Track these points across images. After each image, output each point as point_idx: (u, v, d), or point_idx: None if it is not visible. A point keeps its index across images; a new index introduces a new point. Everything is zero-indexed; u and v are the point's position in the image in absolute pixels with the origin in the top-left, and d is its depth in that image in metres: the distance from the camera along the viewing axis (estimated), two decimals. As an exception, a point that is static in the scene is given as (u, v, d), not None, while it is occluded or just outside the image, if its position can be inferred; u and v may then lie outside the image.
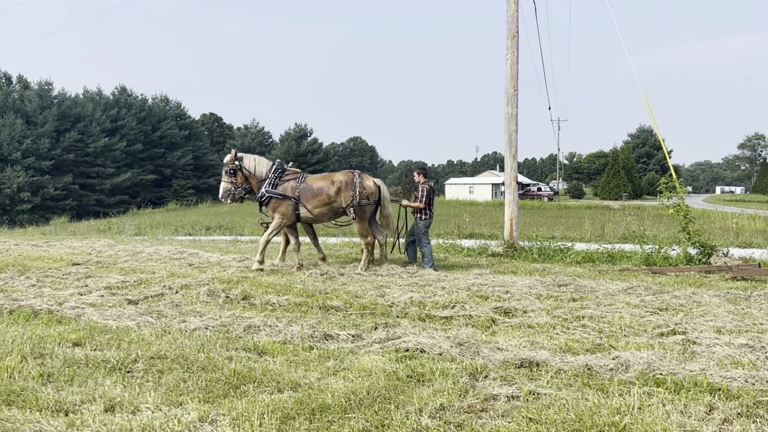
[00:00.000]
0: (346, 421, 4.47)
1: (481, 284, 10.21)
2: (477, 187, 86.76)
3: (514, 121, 15.85)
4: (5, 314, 8.30)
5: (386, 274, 11.56)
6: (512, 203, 16.05)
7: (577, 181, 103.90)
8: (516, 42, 15.75)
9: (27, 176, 62.02)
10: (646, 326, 7.52)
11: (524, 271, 12.37)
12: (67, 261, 14.50)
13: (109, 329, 7.35)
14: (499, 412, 4.65)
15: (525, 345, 6.62)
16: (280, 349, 6.49)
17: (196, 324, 7.59)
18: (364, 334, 7.12)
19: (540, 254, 14.94)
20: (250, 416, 4.52)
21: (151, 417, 4.57)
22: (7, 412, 4.77)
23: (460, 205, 54.71)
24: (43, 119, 67.38)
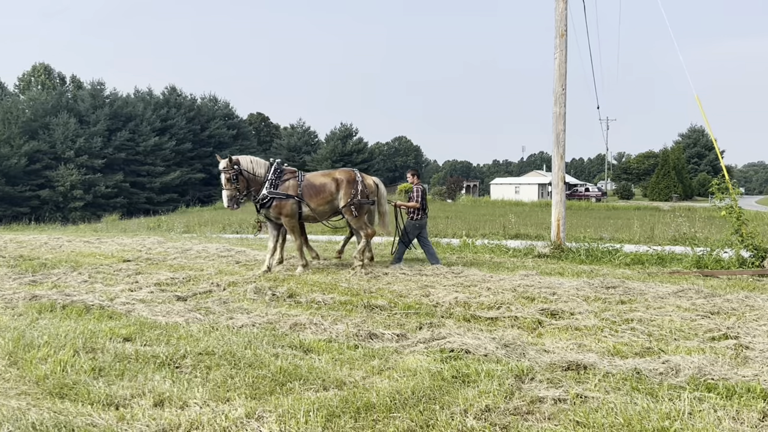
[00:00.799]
0: (391, 421, 4.47)
1: (527, 285, 10.11)
2: (523, 187, 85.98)
3: (561, 120, 15.66)
4: (58, 309, 8.51)
5: (431, 274, 11.53)
6: (559, 204, 15.86)
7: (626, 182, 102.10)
8: (564, 40, 15.56)
9: (79, 174, 63.56)
10: (696, 330, 7.36)
11: (571, 272, 12.21)
12: (118, 258, 14.83)
13: (159, 325, 7.49)
14: (546, 415, 4.60)
15: (572, 347, 6.53)
16: (325, 347, 6.52)
17: (243, 321, 7.69)
18: (408, 334, 7.11)
19: (587, 255, 14.73)
20: (296, 413, 4.55)
21: (199, 412, 4.64)
22: (60, 404, 4.89)
23: (506, 206, 54.28)
24: (96, 118, 68.97)
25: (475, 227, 24.63)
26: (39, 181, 63.74)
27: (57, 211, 61.15)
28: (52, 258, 14.84)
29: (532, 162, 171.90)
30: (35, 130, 65.48)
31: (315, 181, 12.50)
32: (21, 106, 67.86)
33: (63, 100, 70.29)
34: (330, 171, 12.97)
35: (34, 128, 65.43)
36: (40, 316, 8.13)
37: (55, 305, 8.66)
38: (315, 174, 12.82)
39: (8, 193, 60.48)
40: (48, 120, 66.42)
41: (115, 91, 76.13)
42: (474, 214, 38.24)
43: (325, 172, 12.93)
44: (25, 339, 6.68)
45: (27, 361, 5.95)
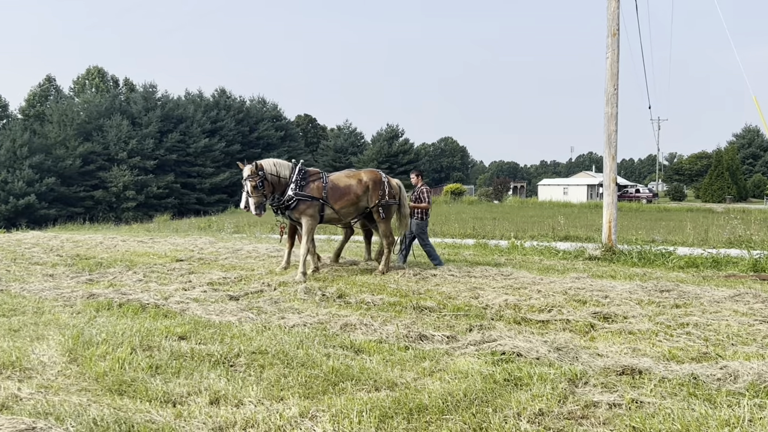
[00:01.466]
0: (444, 423, 4.47)
1: (578, 288, 9.99)
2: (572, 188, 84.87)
3: (614, 120, 15.43)
4: (115, 307, 8.72)
5: (480, 275, 11.48)
6: (611, 205, 15.63)
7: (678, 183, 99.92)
8: (617, 40, 15.33)
9: (132, 175, 64.96)
10: (755, 335, 7.17)
11: (623, 275, 12.02)
12: (171, 257, 15.11)
13: (212, 324, 7.62)
14: (601, 420, 4.55)
15: (626, 352, 6.44)
16: (376, 348, 6.55)
17: (295, 321, 7.77)
18: (458, 336, 7.10)
19: (640, 258, 14.48)
20: (349, 413, 4.59)
21: (254, 411, 4.71)
22: (119, 401, 5.02)
23: (554, 207, 53.64)
24: (148, 120, 70.36)
25: (523, 229, 24.43)
26: (93, 182, 65.38)
27: (110, 211, 62.63)
28: (107, 257, 15.21)
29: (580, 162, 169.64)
30: (89, 131, 67.17)
31: (340, 182, 12.21)
32: (76, 108, 69.73)
33: (116, 102, 71.92)
34: (354, 172, 12.83)
35: (88, 130, 67.14)
36: (98, 314, 8.35)
37: (111, 303, 8.87)
38: (339, 175, 12.56)
39: (63, 193, 62.18)
40: (102, 122, 68.07)
41: (166, 94, 77.71)
42: (521, 215, 37.91)
43: (350, 173, 12.70)
44: (84, 336, 6.85)
45: (86, 358, 6.11)
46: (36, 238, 22.96)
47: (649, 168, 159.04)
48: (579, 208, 49.01)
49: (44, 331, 7.26)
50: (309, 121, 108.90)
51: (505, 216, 36.48)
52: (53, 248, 17.92)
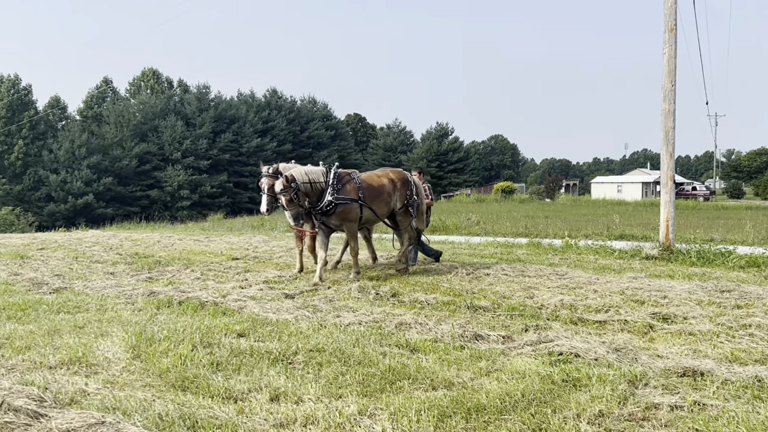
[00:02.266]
0: (503, 423, 4.47)
1: (635, 288, 9.83)
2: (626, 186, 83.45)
3: (671, 117, 15.13)
4: (175, 305, 8.92)
5: (534, 275, 11.39)
6: (669, 203, 15.32)
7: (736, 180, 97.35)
8: (674, 35, 15.02)
9: (186, 175, 66.31)
10: (823, 338, 6.97)
11: (682, 275, 11.78)
12: (227, 256, 15.38)
13: (270, 321, 7.74)
14: (662, 422, 4.49)
15: (687, 353, 6.32)
16: (431, 347, 6.56)
17: (350, 319, 7.83)
18: (514, 336, 7.06)
19: (698, 258, 14.16)
20: (407, 412, 4.62)
21: (313, 408, 4.77)
22: (182, 397, 5.14)
23: (608, 205, 52.84)
24: (201, 121, 71.67)
25: (576, 227, 24.12)
26: (148, 182, 66.99)
27: (165, 210, 64.05)
28: (165, 256, 15.56)
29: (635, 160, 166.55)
30: (145, 132, 68.79)
31: (373, 182, 11.92)
32: (132, 109, 71.50)
33: (171, 103, 73.46)
34: (383, 171, 12.63)
35: (143, 131, 68.77)
36: (159, 311, 8.55)
37: (171, 301, 9.08)
38: (370, 175, 12.28)
39: (120, 193, 63.83)
40: (157, 123, 69.63)
41: (219, 94, 79.03)
42: (574, 213, 37.43)
43: (379, 173, 12.46)
44: (147, 333, 7.03)
45: (149, 355, 6.27)
46: (95, 236, 23.60)
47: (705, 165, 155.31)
48: (634, 206, 48.16)
49: (108, 328, 7.47)
50: (359, 120, 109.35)
51: (557, 214, 36.08)
52: (113, 247, 18.41)
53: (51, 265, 13.91)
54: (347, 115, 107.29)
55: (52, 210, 59.27)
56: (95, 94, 78.35)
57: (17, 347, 6.62)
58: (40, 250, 17.57)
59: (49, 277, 11.65)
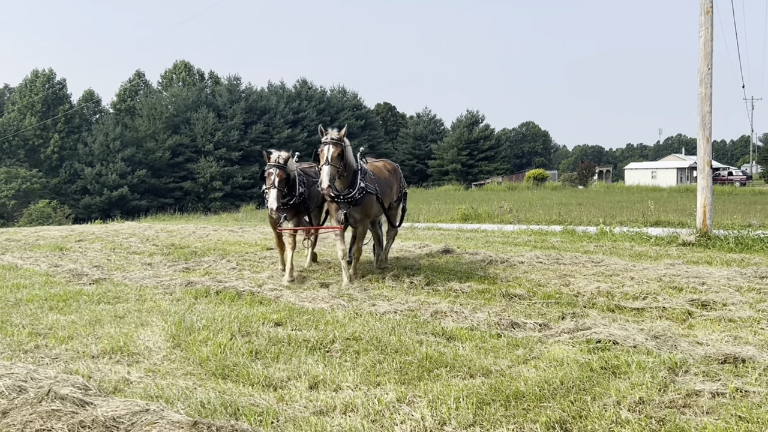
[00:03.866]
0: (542, 410, 4.47)
1: (673, 275, 9.72)
2: (660, 172, 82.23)
3: (707, 101, 14.87)
4: (212, 294, 9.03)
5: (569, 263, 11.31)
6: (705, 189, 15.09)
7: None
8: (710, 18, 14.74)
9: (218, 166, 66.89)
10: None
11: (720, 261, 11.60)
12: (261, 246, 15.51)
13: (306, 310, 7.81)
14: (704, 409, 4.45)
15: (727, 340, 6.25)
16: (467, 335, 6.57)
17: (385, 308, 7.86)
18: (551, 324, 7.03)
19: (737, 244, 13.93)
20: (446, 399, 4.63)
21: (352, 395, 4.82)
22: (223, 385, 5.22)
23: (642, 191, 52.12)
24: (233, 112, 72.15)
25: (611, 214, 23.84)
26: (182, 173, 67.71)
27: (198, 202, 64.72)
28: (201, 246, 15.74)
29: (669, 145, 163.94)
30: (177, 124, 69.48)
31: (380, 174, 10.74)
32: (164, 102, 72.18)
33: (202, 95, 74.06)
34: (383, 161, 11.68)
35: (176, 123, 69.45)
36: (197, 301, 8.67)
37: (209, 291, 9.20)
38: (374, 165, 11.01)
39: (154, 185, 64.63)
40: (189, 115, 70.26)
41: (250, 86, 79.41)
42: (608, 200, 36.99)
43: (382, 164, 11.41)
44: (186, 323, 7.14)
45: (189, 344, 6.36)
46: (132, 228, 23.94)
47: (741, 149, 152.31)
48: (669, 192, 47.47)
49: (148, 318, 7.59)
50: (388, 109, 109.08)
51: (591, 201, 35.70)
52: (149, 238, 18.66)
53: (89, 257, 14.15)
54: (377, 104, 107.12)
55: (87, 202, 60.25)
56: (128, 87, 79.21)
57: (60, 337, 6.77)
58: (78, 242, 17.87)
59: (89, 269, 11.85)
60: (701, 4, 14.85)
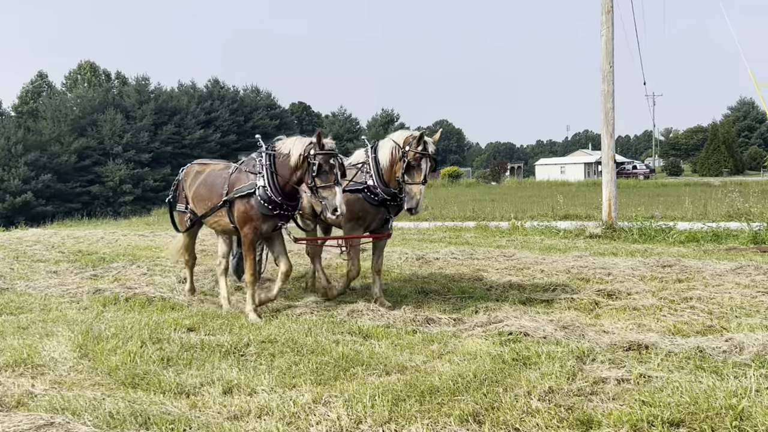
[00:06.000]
0: (456, 403, 4.53)
1: (581, 266, 10.06)
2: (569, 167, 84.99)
3: (610, 98, 15.45)
4: (122, 302, 8.75)
5: (482, 257, 11.54)
6: (610, 183, 15.67)
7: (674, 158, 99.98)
8: (611, 17, 15.32)
9: (128, 169, 64.94)
10: (758, 307, 7.27)
11: (625, 252, 12.08)
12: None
13: (220, 315, 7.67)
14: (610, 395, 4.61)
15: (632, 327, 6.51)
16: (384, 333, 6.61)
17: (301, 309, 7.83)
18: (465, 318, 7.17)
19: (640, 235, 14.54)
20: (362, 398, 4.64)
21: (267, 398, 4.76)
22: (133, 394, 5.07)
23: (552, 186, 53.67)
24: (142, 113, 70.18)
25: (522, 209, 24.48)
26: (89, 177, 65.34)
27: (107, 206, 62.58)
28: (110, 252, 15.24)
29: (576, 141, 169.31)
30: (84, 127, 67.04)
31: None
32: (69, 104, 69.56)
33: (109, 96, 71.74)
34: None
35: (82, 125, 66.99)
36: (105, 309, 8.37)
37: (118, 298, 8.90)
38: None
39: (60, 190, 62.12)
40: (95, 117, 67.89)
41: (159, 86, 77.37)
42: (520, 195, 37.98)
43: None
44: (94, 332, 6.87)
45: (97, 353, 6.14)
46: (36, 235, 22.96)
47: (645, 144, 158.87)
48: (577, 187, 49.06)
49: (53, 328, 7.28)
50: (303, 108, 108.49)
51: (503, 197, 36.55)
52: (55, 245, 17.93)
53: (-10, 267, 13.49)
54: (292, 103, 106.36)
55: (-12, 210, 57.45)
56: (30, 89, 75.96)
57: (-42, 352, 6.42)
58: (-22, 252, 17.00)
59: (-11, 279, 11.28)
60: (602, 3, 15.42)
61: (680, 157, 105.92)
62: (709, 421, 4.04)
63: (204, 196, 8.13)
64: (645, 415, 4.11)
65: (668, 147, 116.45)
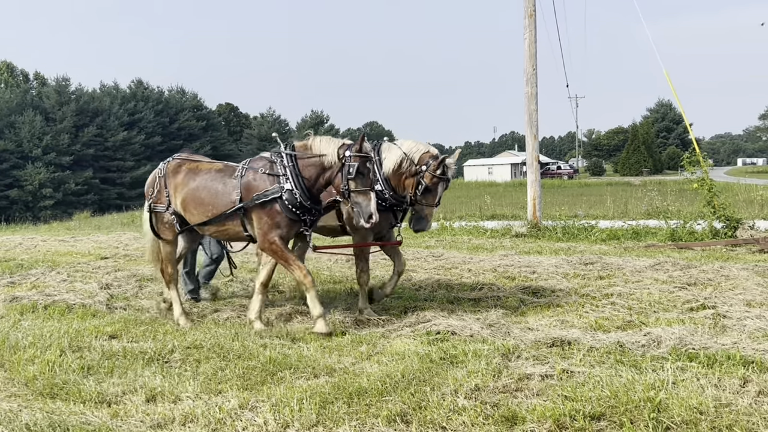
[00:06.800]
0: (384, 404, 4.54)
1: (507, 265, 10.24)
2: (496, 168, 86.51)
3: (534, 100, 15.79)
4: (40, 309, 8.42)
5: (411, 258, 11.60)
6: (535, 183, 16.01)
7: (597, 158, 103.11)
8: (533, 20, 15.66)
9: (48, 172, 62.81)
10: (675, 302, 7.54)
11: (549, 250, 12.36)
12: (95, 255, 14.70)
13: (144, 321, 7.48)
14: (534, 391, 4.70)
15: (555, 324, 6.66)
16: (312, 336, 6.58)
17: (229, 313, 7.73)
18: (394, 318, 7.20)
19: (564, 233, 14.92)
20: (289, 402, 4.60)
21: (192, 405, 4.66)
22: (51, 404, 4.89)
23: (480, 187, 54.60)
24: (62, 115, 68.01)
25: (451, 210, 24.74)
26: (7, 181, 62.89)
27: (27, 211, 60.29)
28: (28, 258, 14.66)
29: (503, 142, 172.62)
30: (0, 129, 64.49)
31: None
32: (-16, 105, 66.81)
33: (27, 97, 69.27)
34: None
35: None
36: (22, 317, 8.04)
37: (36, 306, 8.56)
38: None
39: (-24, 194, 59.65)
40: (13, 119, 65.41)
41: (80, 87, 75.10)
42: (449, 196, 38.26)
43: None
44: (10, 341, 6.61)
45: (14, 363, 5.91)
46: (-51, 242, 21.91)
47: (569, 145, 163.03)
48: (504, 187, 50.06)
49: (-34, 339, 6.97)
50: (231, 109, 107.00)
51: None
52: (-32, 252, 17.15)
53: None
54: (219, 104, 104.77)
55: None
56: (-59, 89, 72.73)
57: None
58: None
59: None
60: (525, 7, 15.74)
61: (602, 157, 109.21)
62: (628, 413, 4.16)
63: (204, 200, 7.18)
64: (567, 410, 4.20)
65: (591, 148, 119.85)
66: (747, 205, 21.34)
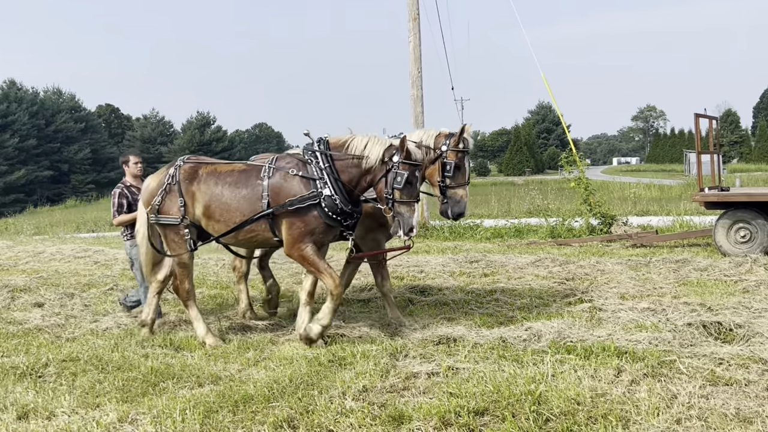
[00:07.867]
0: (271, 410, 4.47)
1: (395, 265, 10.31)
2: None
3: (419, 102, 16.04)
4: None
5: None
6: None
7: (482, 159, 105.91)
8: (417, 24, 15.91)
9: None
10: (555, 296, 7.86)
11: (437, 249, 12.59)
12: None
13: (16, 334, 7.07)
14: (421, 389, 4.75)
15: (442, 322, 6.78)
16: (197, 344, 6.42)
17: (108, 323, 7.43)
18: (282, 323, 7.13)
19: (451, 232, 15.24)
20: (172, 413, 4.45)
21: (67, 421, 4.44)
22: None
23: (370, 188, 54.85)
24: (-75, 117, 63.46)
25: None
26: None
27: None
28: None
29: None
30: None
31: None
32: None
33: None
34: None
35: None
36: None
37: None
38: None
39: None
40: None
41: (-56, 87, 70.23)
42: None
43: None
44: None
45: None
46: None
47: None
48: (393, 188, 50.39)
49: None
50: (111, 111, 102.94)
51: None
52: None
53: None
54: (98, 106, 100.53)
55: None
56: None
57: None
58: None
59: None
60: (409, 11, 15.97)
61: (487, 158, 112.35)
62: (510, 407, 4.28)
63: (231, 206, 6.42)
64: (452, 407, 4.27)
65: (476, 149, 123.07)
66: (621, 202, 22.53)
